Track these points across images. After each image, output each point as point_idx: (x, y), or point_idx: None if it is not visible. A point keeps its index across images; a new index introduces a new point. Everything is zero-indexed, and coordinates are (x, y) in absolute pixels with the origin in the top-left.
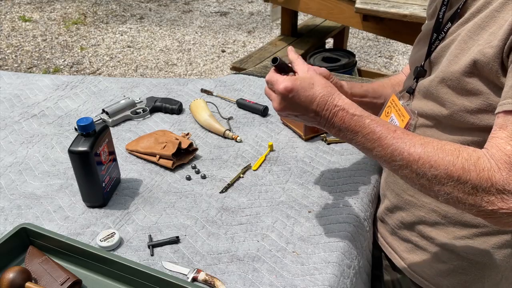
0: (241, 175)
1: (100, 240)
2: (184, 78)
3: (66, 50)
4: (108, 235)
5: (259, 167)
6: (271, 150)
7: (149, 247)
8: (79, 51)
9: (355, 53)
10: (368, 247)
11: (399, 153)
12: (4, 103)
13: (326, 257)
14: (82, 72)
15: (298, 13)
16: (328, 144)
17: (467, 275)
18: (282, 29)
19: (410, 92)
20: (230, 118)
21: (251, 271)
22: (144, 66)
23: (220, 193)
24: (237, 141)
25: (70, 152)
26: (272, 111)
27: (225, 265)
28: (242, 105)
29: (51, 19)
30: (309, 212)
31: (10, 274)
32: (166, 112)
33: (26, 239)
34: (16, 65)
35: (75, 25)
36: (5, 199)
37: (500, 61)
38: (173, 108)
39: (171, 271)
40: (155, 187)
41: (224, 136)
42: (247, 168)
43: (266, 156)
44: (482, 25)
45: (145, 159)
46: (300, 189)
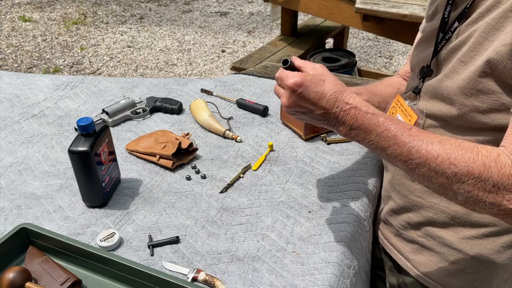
0: (241, 175)
1: (100, 240)
2: (184, 78)
3: (66, 50)
4: (108, 235)
5: (259, 167)
6: (271, 150)
7: (149, 247)
8: (79, 51)
9: (355, 53)
10: (368, 247)
11: (416, 150)
12: (4, 103)
13: (326, 257)
14: (82, 72)
15: (298, 13)
16: (328, 144)
17: (476, 274)
18: (282, 29)
19: (416, 92)
20: (230, 118)
21: (251, 271)
22: (144, 66)
23: (220, 193)
24: (237, 141)
25: (70, 152)
26: (272, 111)
27: (225, 265)
28: (242, 105)
29: (51, 19)
30: (309, 212)
31: (10, 274)
32: (166, 112)
33: (26, 239)
34: (16, 65)
35: (75, 25)
36: (5, 199)
37: None
38: (173, 108)
39: (171, 271)
40: (155, 187)
41: (224, 136)
42: (247, 168)
43: (266, 156)
44: (497, 26)
45: (145, 159)
46: (300, 189)
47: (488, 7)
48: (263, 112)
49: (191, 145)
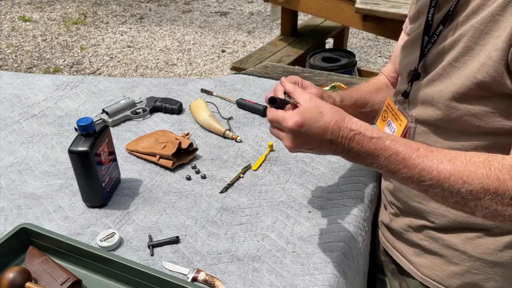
0: (241, 175)
1: (100, 240)
2: (184, 78)
3: (66, 50)
4: (108, 235)
5: (259, 167)
6: (271, 150)
7: (149, 247)
8: (79, 51)
9: (355, 53)
10: (367, 248)
11: (427, 172)
12: (4, 103)
13: (326, 257)
14: (82, 72)
15: (298, 13)
16: None
17: (481, 274)
18: (282, 29)
19: (405, 96)
20: (230, 118)
21: (251, 271)
22: (144, 66)
23: (220, 193)
24: (237, 141)
25: (70, 152)
26: None
27: (225, 265)
28: (242, 105)
29: (51, 19)
30: (309, 212)
31: (10, 274)
32: (166, 112)
33: (26, 239)
34: (16, 65)
35: (75, 25)
36: (5, 199)
37: (506, 63)
38: (173, 108)
39: (171, 271)
40: (155, 187)
41: (224, 136)
42: (247, 168)
43: (266, 156)
44: (486, 30)
45: (145, 159)
46: (300, 189)
47: (473, 10)
48: (263, 112)
49: (191, 145)
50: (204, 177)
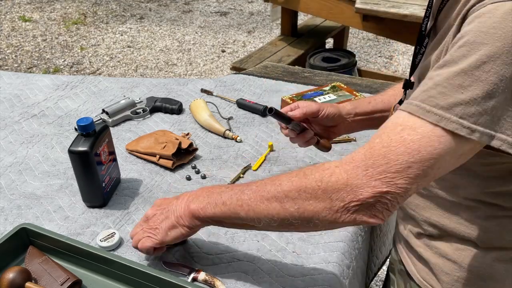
0: (241, 175)
1: (100, 240)
2: (184, 78)
3: (66, 50)
4: (108, 235)
5: (259, 167)
6: (271, 150)
7: None
8: (79, 51)
9: (355, 53)
10: (365, 248)
11: (233, 207)
12: (4, 103)
13: (326, 257)
14: (82, 72)
15: (298, 13)
16: None
17: (471, 286)
18: (282, 29)
19: (400, 104)
20: (230, 118)
21: (251, 271)
22: (144, 66)
23: None
24: (237, 141)
25: (70, 152)
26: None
27: (225, 265)
28: (242, 105)
29: (51, 19)
30: None
31: (10, 274)
32: (166, 112)
33: (26, 239)
34: (16, 65)
35: (75, 25)
36: (5, 199)
37: None
38: (173, 108)
39: (171, 271)
40: (155, 187)
41: (224, 136)
42: (247, 168)
43: (266, 156)
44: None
45: (145, 159)
46: None
47: (443, 34)
48: (263, 112)
49: (191, 145)
50: (204, 177)
